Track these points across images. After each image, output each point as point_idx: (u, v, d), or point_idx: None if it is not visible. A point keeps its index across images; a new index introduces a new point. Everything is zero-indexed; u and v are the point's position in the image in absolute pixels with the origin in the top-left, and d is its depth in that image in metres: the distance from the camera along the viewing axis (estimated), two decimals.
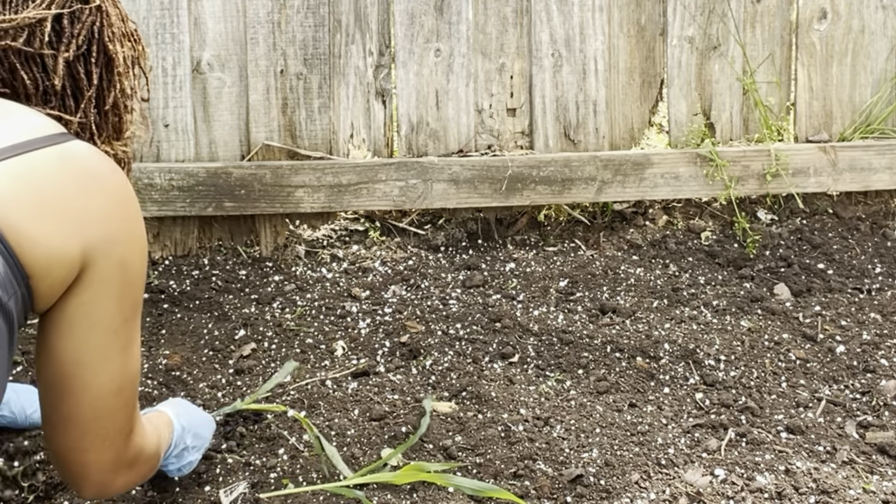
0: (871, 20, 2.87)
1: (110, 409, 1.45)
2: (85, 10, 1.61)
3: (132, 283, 1.43)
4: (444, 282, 2.67)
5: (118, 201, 1.42)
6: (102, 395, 1.44)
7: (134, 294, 1.44)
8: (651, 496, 1.89)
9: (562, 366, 2.30)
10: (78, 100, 1.60)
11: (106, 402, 1.44)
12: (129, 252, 1.42)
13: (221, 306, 2.56)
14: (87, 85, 1.60)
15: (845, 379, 2.27)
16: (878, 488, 1.91)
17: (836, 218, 2.91)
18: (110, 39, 1.63)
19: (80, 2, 1.60)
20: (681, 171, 2.83)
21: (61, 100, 1.58)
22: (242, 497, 1.86)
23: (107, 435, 1.47)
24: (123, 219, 1.42)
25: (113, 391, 1.44)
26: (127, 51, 1.66)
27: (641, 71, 2.87)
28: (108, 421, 1.46)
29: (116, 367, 1.44)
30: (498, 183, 2.79)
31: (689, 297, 2.59)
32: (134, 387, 1.49)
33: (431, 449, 2.00)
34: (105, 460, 1.48)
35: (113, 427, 1.47)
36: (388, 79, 2.82)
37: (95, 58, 1.61)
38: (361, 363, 2.31)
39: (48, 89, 1.56)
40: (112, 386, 1.44)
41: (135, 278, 1.43)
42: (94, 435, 1.45)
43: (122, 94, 1.64)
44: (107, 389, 1.44)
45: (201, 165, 2.73)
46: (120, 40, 1.65)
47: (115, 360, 1.43)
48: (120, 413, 1.47)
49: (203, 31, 2.72)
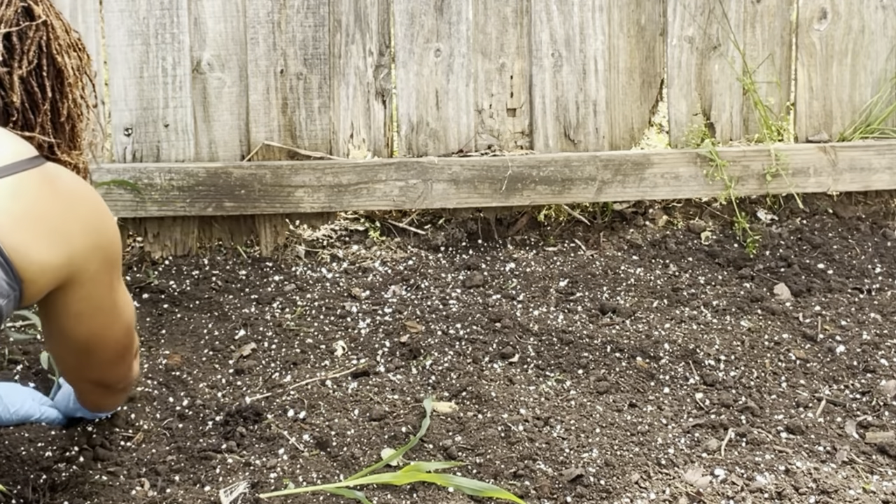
0: (871, 20, 2.87)
1: (124, 345, 1.82)
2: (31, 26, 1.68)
3: (115, 266, 1.71)
4: (444, 282, 2.67)
5: (93, 214, 1.65)
6: (118, 341, 1.79)
7: (117, 269, 1.72)
8: (651, 496, 1.89)
9: (562, 366, 2.30)
10: (35, 114, 1.72)
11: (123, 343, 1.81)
12: (108, 248, 1.67)
13: (221, 306, 2.56)
14: (42, 99, 1.71)
15: (845, 379, 2.27)
16: (878, 488, 1.91)
17: (836, 218, 2.91)
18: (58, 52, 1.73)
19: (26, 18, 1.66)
20: (681, 171, 2.83)
21: (22, 115, 1.68)
22: (242, 497, 1.86)
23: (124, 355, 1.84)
24: (98, 227, 1.65)
25: (124, 335, 1.80)
26: (74, 61, 1.78)
27: (641, 71, 2.87)
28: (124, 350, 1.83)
29: (123, 324, 1.78)
30: (498, 183, 2.79)
31: (689, 297, 2.59)
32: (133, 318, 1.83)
33: (431, 449, 2.00)
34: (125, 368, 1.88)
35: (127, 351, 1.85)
36: (388, 79, 2.82)
37: (46, 71, 1.71)
38: (361, 363, 2.31)
39: (8, 106, 1.66)
40: (122, 333, 1.79)
41: (116, 261, 1.71)
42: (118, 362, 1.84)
43: (74, 104, 1.76)
44: (120, 336, 1.79)
45: (201, 165, 2.73)
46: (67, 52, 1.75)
47: (120, 318, 1.77)
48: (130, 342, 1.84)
49: (203, 31, 2.72)
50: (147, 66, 2.71)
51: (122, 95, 2.72)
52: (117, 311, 1.75)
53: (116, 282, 1.73)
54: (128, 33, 2.69)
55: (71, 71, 1.73)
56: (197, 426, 2.10)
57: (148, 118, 2.73)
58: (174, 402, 2.18)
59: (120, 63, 2.70)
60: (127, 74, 2.71)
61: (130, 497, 1.87)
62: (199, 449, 2.01)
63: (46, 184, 1.56)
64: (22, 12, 1.67)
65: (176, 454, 2.00)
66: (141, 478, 1.93)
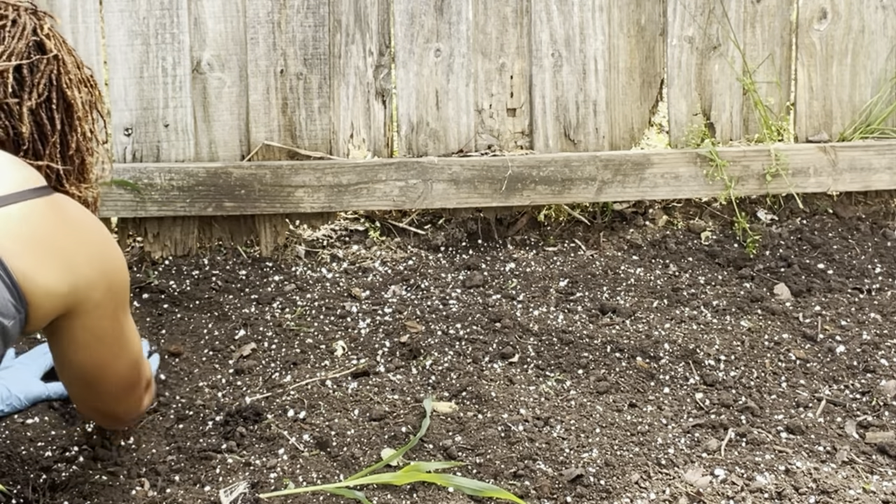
0: (871, 20, 2.87)
1: (130, 379, 1.82)
2: (43, 59, 1.75)
3: (121, 298, 1.72)
4: (444, 282, 2.67)
5: (99, 245, 1.68)
6: (122, 375, 1.79)
7: (123, 302, 1.73)
8: (651, 496, 1.89)
9: (562, 366, 2.30)
10: (44, 145, 1.73)
11: (128, 377, 1.81)
12: (114, 279, 1.69)
13: (221, 306, 2.56)
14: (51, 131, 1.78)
15: (845, 379, 2.27)
16: (878, 488, 1.91)
17: (836, 218, 2.91)
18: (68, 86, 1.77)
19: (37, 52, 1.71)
20: (681, 171, 2.83)
21: (31, 145, 1.71)
22: (242, 497, 1.86)
23: (133, 388, 1.84)
24: (104, 257, 1.68)
25: (129, 368, 1.80)
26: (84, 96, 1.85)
27: (641, 71, 2.87)
28: (131, 386, 1.83)
29: (127, 354, 1.78)
30: (498, 183, 2.79)
31: (689, 297, 2.59)
32: (141, 354, 1.83)
33: (431, 449, 2.00)
34: (134, 401, 1.87)
35: (137, 383, 1.85)
36: (388, 79, 2.82)
37: (56, 104, 1.76)
38: (361, 363, 2.31)
39: (18, 136, 1.69)
40: (127, 367, 1.80)
41: (122, 293, 1.72)
42: (124, 396, 1.84)
43: (83, 137, 1.79)
44: (124, 370, 1.79)
45: (201, 165, 2.73)
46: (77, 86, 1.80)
47: (124, 351, 1.77)
48: (138, 376, 1.84)
49: (203, 31, 2.72)
50: (147, 66, 2.71)
51: (121, 95, 2.72)
52: (122, 343, 1.75)
53: (122, 314, 1.73)
54: (128, 33, 2.69)
55: (80, 105, 1.78)
56: (197, 426, 2.10)
57: (148, 118, 2.73)
58: (174, 402, 2.18)
59: (120, 63, 2.70)
60: (127, 74, 2.71)
61: (130, 497, 1.87)
62: (199, 449, 2.01)
63: (54, 212, 1.60)
64: (34, 46, 1.72)
65: (176, 454, 2.00)
66: (141, 478, 1.93)
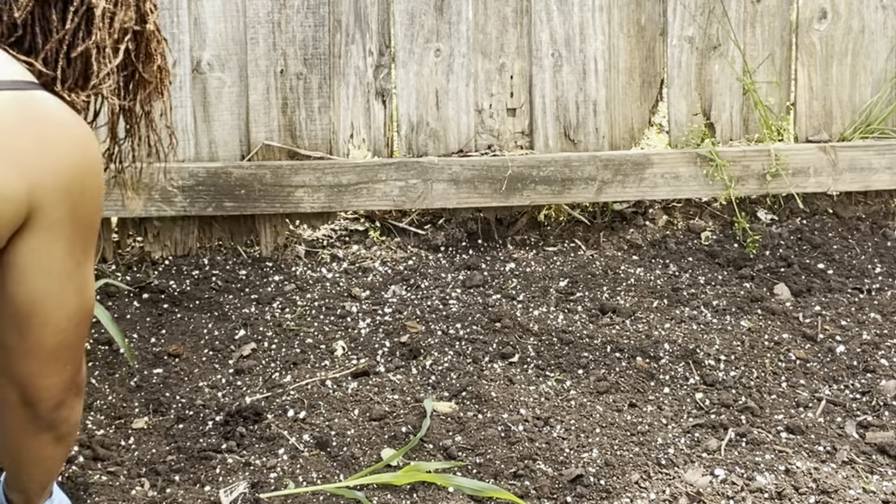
0: (871, 20, 2.87)
1: (70, 341, 1.52)
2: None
3: (84, 229, 1.47)
4: (444, 282, 2.67)
5: (74, 152, 1.44)
6: (61, 330, 1.50)
7: (86, 238, 1.49)
8: (651, 496, 1.89)
9: (562, 366, 2.30)
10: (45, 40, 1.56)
11: (66, 336, 1.51)
12: (82, 201, 1.45)
13: (221, 306, 2.56)
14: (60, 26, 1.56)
15: (845, 379, 2.27)
16: (878, 488, 1.91)
17: (836, 218, 2.91)
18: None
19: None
20: (681, 171, 2.83)
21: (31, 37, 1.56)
22: (242, 497, 1.86)
23: (67, 361, 1.54)
24: (79, 169, 1.44)
25: (72, 326, 1.51)
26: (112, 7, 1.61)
27: (641, 71, 2.87)
28: (68, 351, 1.53)
29: (73, 306, 1.50)
30: (498, 183, 2.79)
31: (689, 297, 2.59)
32: (90, 319, 1.56)
33: (431, 449, 2.00)
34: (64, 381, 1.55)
35: (72, 354, 1.54)
36: (388, 79, 2.82)
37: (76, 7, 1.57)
38: (361, 363, 2.31)
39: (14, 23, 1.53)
40: (70, 322, 1.51)
41: (87, 225, 1.48)
42: (56, 362, 1.52)
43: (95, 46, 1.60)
44: (65, 325, 1.50)
45: (201, 165, 2.73)
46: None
47: (71, 301, 1.49)
48: (78, 343, 1.55)
49: (203, 31, 2.72)
50: None
51: None
52: (71, 284, 1.48)
53: (81, 251, 1.49)
54: None
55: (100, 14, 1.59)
56: (197, 426, 2.10)
57: None
58: (174, 402, 2.18)
59: None
60: None
61: (130, 497, 1.87)
62: (199, 449, 2.01)
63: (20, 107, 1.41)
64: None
65: (176, 454, 2.00)
66: (141, 478, 1.93)
